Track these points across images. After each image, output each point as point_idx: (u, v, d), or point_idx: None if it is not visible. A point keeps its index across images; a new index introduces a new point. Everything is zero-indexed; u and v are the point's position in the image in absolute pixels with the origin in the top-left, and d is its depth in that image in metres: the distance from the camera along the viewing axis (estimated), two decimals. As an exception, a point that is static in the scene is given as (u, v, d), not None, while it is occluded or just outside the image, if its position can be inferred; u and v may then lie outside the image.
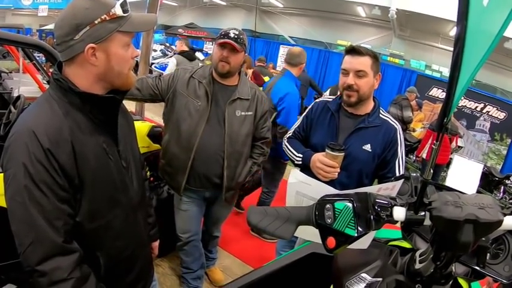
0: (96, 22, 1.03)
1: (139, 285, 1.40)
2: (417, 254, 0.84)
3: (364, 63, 1.77)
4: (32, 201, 0.98)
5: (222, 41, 2.03)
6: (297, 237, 1.96)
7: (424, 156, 5.48)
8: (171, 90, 2.16)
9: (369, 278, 0.94)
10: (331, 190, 0.85)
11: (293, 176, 0.93)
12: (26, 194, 0.98)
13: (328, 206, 0.78)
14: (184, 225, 2.40)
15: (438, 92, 9.58)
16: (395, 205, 0.75)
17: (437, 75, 10.89)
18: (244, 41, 2.08)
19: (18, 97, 3.07)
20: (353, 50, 1.79)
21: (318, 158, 1.77)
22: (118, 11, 1.05)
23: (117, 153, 1.21)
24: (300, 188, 0.92)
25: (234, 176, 2.23)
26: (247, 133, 2.22)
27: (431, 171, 0.76)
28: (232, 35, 2.03)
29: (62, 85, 1.08)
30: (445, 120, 0.70)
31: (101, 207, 1.15)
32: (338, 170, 1.74)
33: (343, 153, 1.70)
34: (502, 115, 8.35)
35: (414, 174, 0.91)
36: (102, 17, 1.03)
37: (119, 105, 1.20)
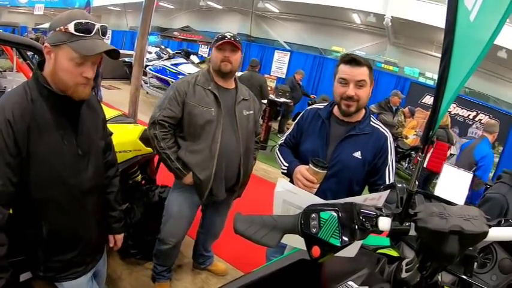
0: (57, 30, 1.27)
1: (80, 266, 1.55)
2: (403, 263, 0.85)
3: (364, 73, 1.77)
4: None
5: (221, 42, 2.15)
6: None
7: (425, 165, 5.41)
8: (183, 107, 2.21)
9: (355, 286, 0.94)
10: (318, 200, 0.85)
11: (280, 185, 0.93)
12: None
13: (313, 215, 0.78)
14: (176, 229, 2.45)
15: (431, 100, 9.62)
16: (380, 215, 0.76)
17: (431, 82, 10.98)
18: (240, 41, 2.23)
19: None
20: (353, 61, 1.77)
21: (300, 170, 1.75)
22: (70, 27, 1.26)
23: (74, 140, 1.40)
24: (286, 196, 0.92)
25: (247, 171, 2.44)
26: (252, 130, 2.42)
27: (417, 182, 0.76)
28: (229, 36, 2.17)
29: (36, 76, 1.33)
30: (430, 133, 0.71)
31: (48, 182, 1.34)
32: (317, 186, 1.70)
33: (325, 171, 1.67)
34: (494, 123, 8.41)
35: (400, 185, 0.91)
36: (60, 28, 1.27)
37: (79, 105, 1.41)
